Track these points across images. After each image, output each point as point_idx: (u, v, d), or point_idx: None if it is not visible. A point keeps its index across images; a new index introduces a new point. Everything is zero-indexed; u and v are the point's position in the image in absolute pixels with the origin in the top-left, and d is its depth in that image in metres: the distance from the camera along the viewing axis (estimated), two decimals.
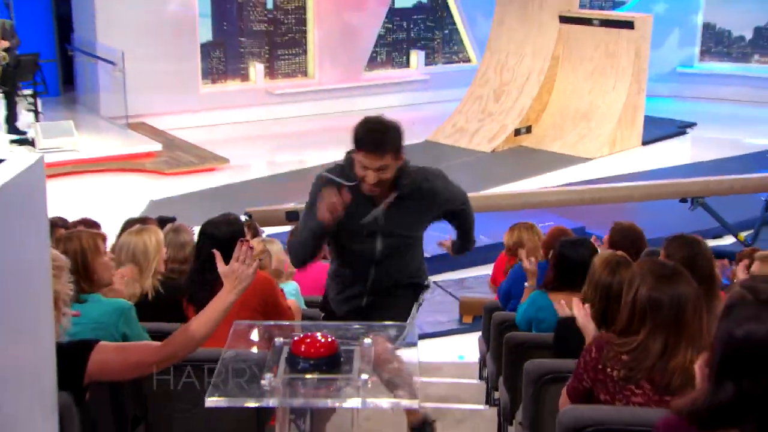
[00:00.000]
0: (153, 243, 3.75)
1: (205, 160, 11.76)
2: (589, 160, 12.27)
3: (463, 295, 7.50)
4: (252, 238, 4.75)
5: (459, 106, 13.52)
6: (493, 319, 4.40)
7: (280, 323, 2.92)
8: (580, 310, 3.07)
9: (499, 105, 13.18)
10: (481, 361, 5.34)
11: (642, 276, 2.62)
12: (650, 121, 13.38)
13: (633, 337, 2.61)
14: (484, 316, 5.10)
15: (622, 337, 2.64)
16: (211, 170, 11.52)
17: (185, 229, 4.23)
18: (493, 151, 12.67)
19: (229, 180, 11.10)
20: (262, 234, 5.58)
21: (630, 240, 4.16)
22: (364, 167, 3.24)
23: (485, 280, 7.00)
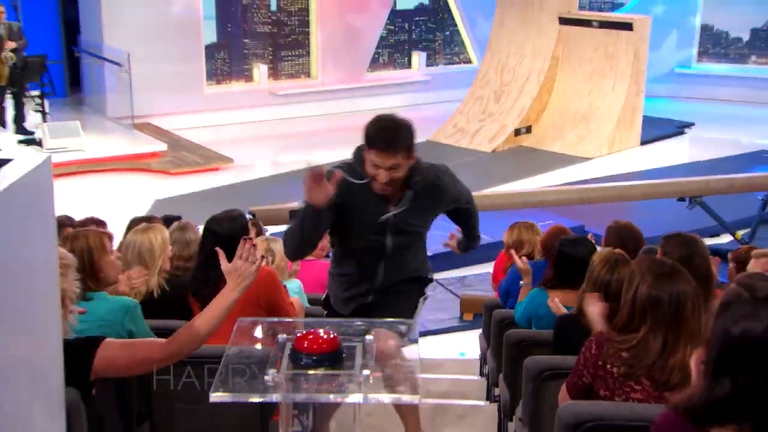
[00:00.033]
0: (159, 241, 3.75)
1: (210, 160, 11.77)
2: (589, 160, 12.27)
3: (464, 292, 7.49)
4: (256, 237, 4.75)
5: (460, 107, 13.52)
6: (494, 317, 4.40)
7: (283, 320, 2.91)
8: (596, 307, 3.00)
9: (500, 105, 13.18)
10: (482, 358, 5.34)
11: (641, 274, 2.63)
12: (649, 122, 13.38)
13: (633, 335, 2.61)
14: (485, 314, 5.10)
15: (622, 335, 2.64)
16: (216, 170, 11.52)
17: (191, 227, 4.23)
18: (494, 151, 12.67)
19: (234, 179, 11.10)
20: (265, 233, 5.58)
21: (625, 240, 4.10)
22: (376, 166, 3.15)
23: (486, 278, 7.01)
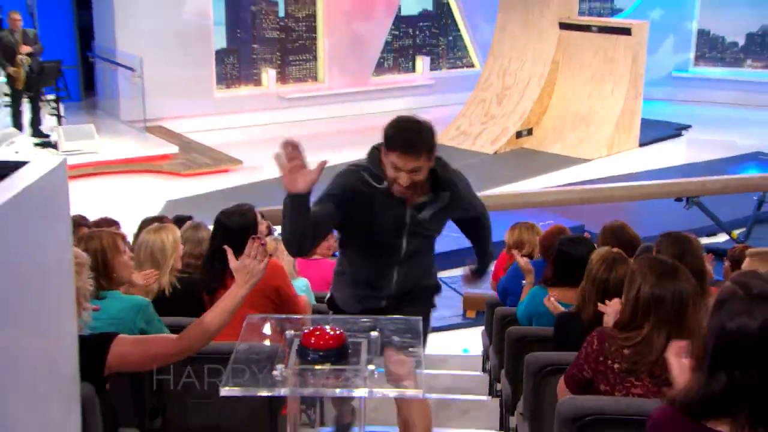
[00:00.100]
0: (170, 241, 3.75)
1: (220, 161, 11.78)
2: (588, 162, 12.25)
3: (467, 291, 7.49)
4: (267, 232, 4.76)
5: (463, 110, 13.51)
6: (496, 314, 4.40)
7: (291, 317, 2.92)
8: (612, 310, 2.95)
9: (502, 108, 13.17)
10: (484, 354, 5.34)
11: (643, 273, 2.62)
12: (647, 124, 13.35)
13: (636, 332, 2.60)
14: (487, 311, 5.10)
15: (625, 332, 2.63)
16: (225, 171, 11.54)
17: (204, 227, 4.24)
18: (496, 153, 12.65)
19: (243, 181, 11.11)
20: (274, 233, 5.58)
21: (618, 240, 4.02)
22: (397, 168, 2.94)
23: (487, 277, 6.99)
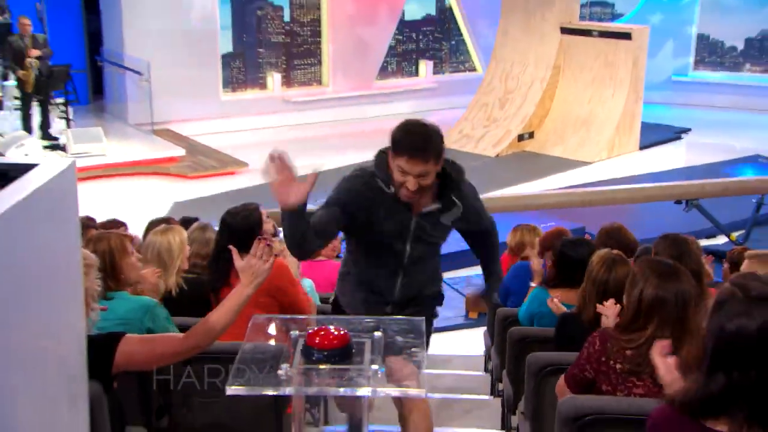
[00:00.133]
0: (177, 242, 3.76)
1: (226, 164, 11.80)
2: (589, 164, 12.25)
3: (469, 292, 7.49)
4: (274, 232, 4.75)
5: (465, 113, 13.51)
6: (497, 315, 4.40)
7: (296, 317, 2.92)
8: (611, 311, 2.96)
9: (504, 112, 13.17)
10: (486, 355, 5.34)
11: (644, 275, 2.61)
12: (647, 127, 13.35)
13: (639, 333, 2.59)
14: (489, 312, 5.10)
15: (628, 333, 2.62)
16: (231, 174, 11.54)
17: (211, 228, 4.24)
18: (498, 156, 12.65)
19: (248, 183, 11.10)
20: (279, 233, 5.57)
21: (614, 242, 3.99)
22: (404, 172, 2.89)
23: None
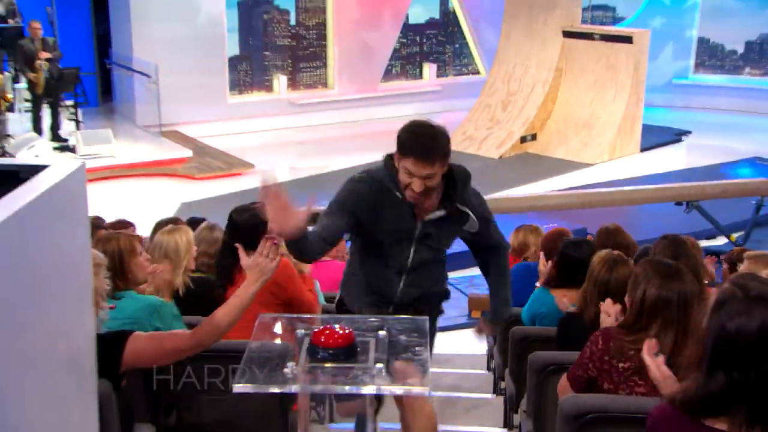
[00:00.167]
0: (184, 242, 3.77)
1: (233, 165, 11.81)
2: (591, 166, 12.23)
3: (472, 292, 7.48)
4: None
5: (468, 115, 13.50)
6: None
7: (302, 316, 2.92)
8: (612, 311, 2.94)
9: (506, 114, 13.16)
10: (489, 354, 5.34)
11: (647, 276, 2.60)
12: (648, 130, 13.33)
13: (643, 334, 2.58)
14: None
15: (632, 334, 2.61)
16: (238, 175, 11.55)
17: (219, 228, 4.25)
18: (501, 158, 12.64)
19: (255, 184, 10.95)
20: None
21: (611, 243, 3.98)
22: (410, 174, 2.86)
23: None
